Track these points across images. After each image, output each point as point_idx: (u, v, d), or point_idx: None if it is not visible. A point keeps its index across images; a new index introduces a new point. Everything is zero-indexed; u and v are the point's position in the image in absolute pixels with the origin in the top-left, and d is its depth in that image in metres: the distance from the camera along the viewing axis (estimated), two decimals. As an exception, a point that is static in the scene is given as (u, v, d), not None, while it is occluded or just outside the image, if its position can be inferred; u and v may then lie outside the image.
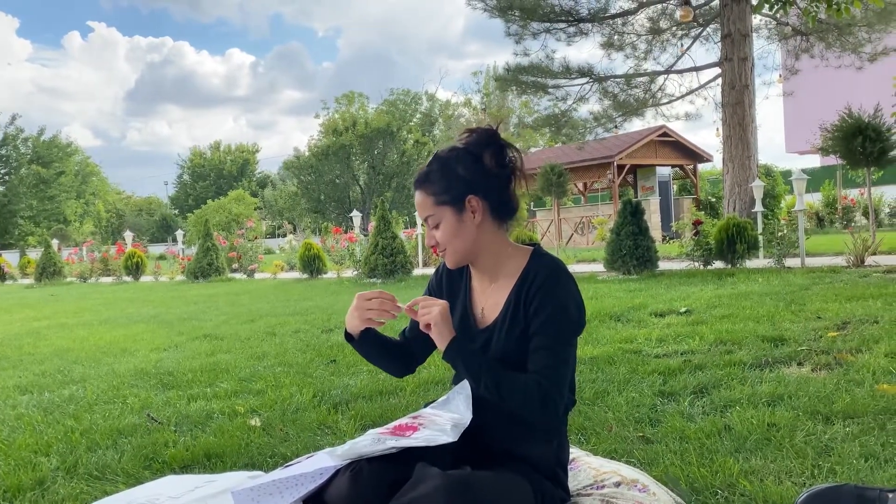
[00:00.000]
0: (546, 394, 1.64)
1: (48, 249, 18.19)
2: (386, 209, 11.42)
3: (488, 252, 1.80)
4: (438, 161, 1.78)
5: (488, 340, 1.78)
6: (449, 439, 1.58)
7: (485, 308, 1.83)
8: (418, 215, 1.86)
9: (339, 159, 44.17)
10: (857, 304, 5.09)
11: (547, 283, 1.71)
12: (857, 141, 9.76)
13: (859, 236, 8.39)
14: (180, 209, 62.43)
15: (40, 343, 5.99)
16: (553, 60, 15.29)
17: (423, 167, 1.80)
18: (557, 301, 1.70)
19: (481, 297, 1.85)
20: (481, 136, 1.78)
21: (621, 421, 2.68)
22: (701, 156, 22.81)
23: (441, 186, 1.75)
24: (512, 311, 1.74)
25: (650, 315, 5.31)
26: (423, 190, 1.78)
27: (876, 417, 2.50)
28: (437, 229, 1.78)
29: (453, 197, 1.75)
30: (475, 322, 1.83)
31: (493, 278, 1.83)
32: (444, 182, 1.76)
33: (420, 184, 1.79)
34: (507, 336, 1.74)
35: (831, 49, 14.65)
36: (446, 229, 1.76)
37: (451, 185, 1.75)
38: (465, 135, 1.80)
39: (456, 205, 1.75)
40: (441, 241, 1.79)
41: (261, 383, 3.78)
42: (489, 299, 1.83)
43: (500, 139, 1.77)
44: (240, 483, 1.75)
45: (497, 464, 1.67)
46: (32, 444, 2.85)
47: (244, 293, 10.32)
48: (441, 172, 1.76)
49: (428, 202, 1.77)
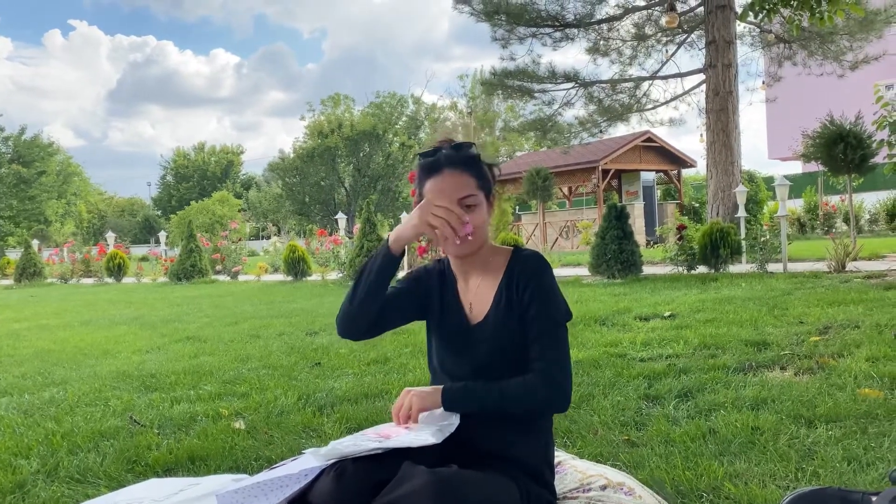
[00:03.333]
0: (551, 378, 1.68)
1: (28, 250, 17.97)
2: (372, 211, 11.40)
3: (485, 247, 1.84)
4: (474, 154, 1.82)
5: (483, 336, 1.79)
6: (433, 441, 1.58)
7: (472, 304, 1.85)
8: (452, 193, 1.73)
9: (325, 161, 44.08)
10: (839, 308, 5.14)
11: (536, 271, 1.76)
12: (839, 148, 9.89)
13: (840, 242, 8.49)
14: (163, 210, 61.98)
15: (20, 345, 5.92)
16: (539, 65, 15.33)
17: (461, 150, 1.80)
18: (547, 287, 1.75)
19: (467, 294, 1.87)
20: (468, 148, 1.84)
21: (607, 424, 2.68)
22: (685, 161, 22.97)
23: (482, 173, 1.80)
24: (504, 304, 1.77)
25: (635, 319, 5.33)
26: (466, 170, 1.77)
27: (858, 421, 2.53)
28: (474, 211, 1.76)
29: (489, 187, 1.82)
30: (467, 318, 1.84)
31: (480, 275, 1.85)
32: (482, 170, 1.81)
33: (463, 164, 1.78)
34: (502, 329, 1.76)
35: (813, 57, 14.82)
36: (480, 214, 1.78)
37: (486, 177, 1.81)
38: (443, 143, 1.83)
39: (489, 194, 1.82)
40: (476, 224, 1.75)
41: (245, 386, 3.75)
42: (476, 295, 1.85)
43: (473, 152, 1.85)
44: (224, 486, 1.74)
45: (484, 464, 1.67)
46: (12, 446, 2.81)
47: (228, 295, 10.26)
48: (480, 163, 1.81)
49: (472, 183, 1.77)
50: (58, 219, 52.25)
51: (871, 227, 18.77)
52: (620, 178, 23.10)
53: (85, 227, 55.48)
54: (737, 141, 13.47)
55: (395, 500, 1.47)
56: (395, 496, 1.47)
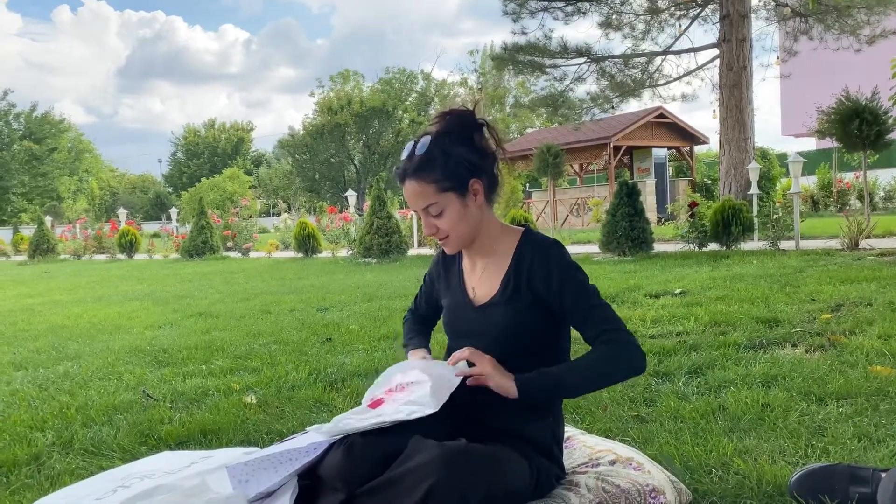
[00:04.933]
0: (628, 342, 1.67)
1: (41, 226, 18.09)
2: (381, 189, 11.38)
3: (485, 232, 1.79)
4: (438, 145, 1.69)
5: (485, 318, 1.78)
6: (430, 411, 1.59)
7: (475, 287, 1.83)
8: (413, 205, 1.73)
9: (334, 138, 43.96)
10: (851, 286, 5.10)
11: (553, 258, 1.72)
12: (854, 124, 9.75)
13: (854, 219, 8.41)
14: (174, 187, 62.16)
15: (34, 320, 5.98)
16: (551, 40, 15.16)
17: (416, 155, 1.69)
18: (572, 272, 1.72)
19: (471, 276, 1.85)
20: (465, 118, 1.72)
21: (616, 400, 2.69)
22: (697, 138, 22.75)
23: (444, 172, 1.68)
24: (512, 287, 1.74)
25: (645, 296, 5.32)
26: (421, 178, 1.68)
27: (869, 398, 2.52)
28: (440, 217, 1.71)
29: (458, 182, 1.69)
30: (469, 302, 1.83)
31: (486, 257, 1.82)
32: (447, 167, 1.68)
33: (416, 172, 1.69)
34: (506, 311, 1.73)
35: (830, 31, 14.56)
36: (452, 216, 1.71)
37: (454, 170, 1.69)
38: (440, 118, 1.72)
39: (460, 189, 1.70)
40: (445, 228, 1.72)
41: (256, 361, 3.78)
42: (480, 280, 1.82)
43: (478, 117, 1.73)
44: (235, 459, 1.75)
45: (493, 441, 1.68)
46: (28, 419, 2.85)
47: (239, 272, 10.30)
48: (443, 157, 1.68)
49: (429, 190, 1.68)
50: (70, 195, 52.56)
51: (886, 205, 18.58)
52: (632, 154, 22.92)
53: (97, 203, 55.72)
54: (750, 117, 13.34)
55: (404, 473, 1.47)
56: (405, 469, 1.48)
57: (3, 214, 44.43)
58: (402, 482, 1.46)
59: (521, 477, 1.62)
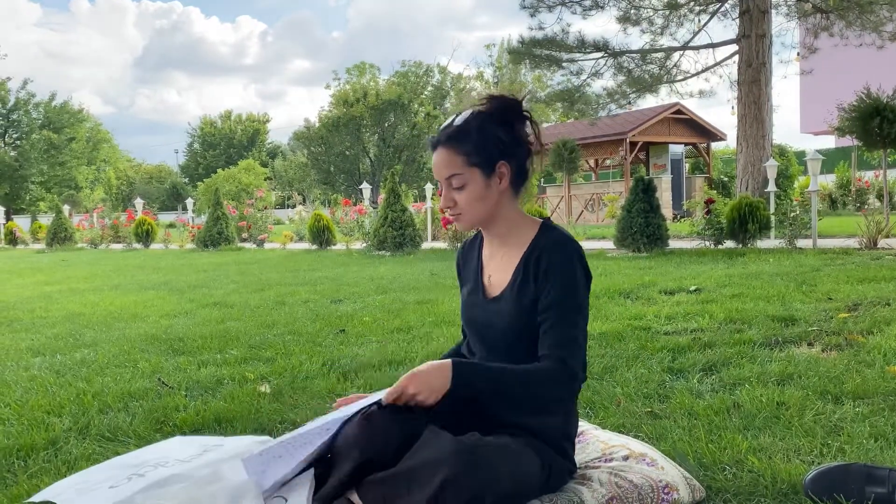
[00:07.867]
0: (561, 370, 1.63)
1: (59, 215, 18.27)
2: (396, 182, 11.38)
3: (503, 219, 1.78)
4: (476, 119, 1.70)
5: (494, 309, 1.77)
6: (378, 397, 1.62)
7: (492, 276, 1.82)
8: (438, 174, 1.74)
9: (350, 131, 43.96)
10: (869, 286, 5.05)
11: (554, 256, 1.69)
12: (875, 122, 9.65)
13: (872, 218, 8.32)
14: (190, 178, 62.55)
15: (52, 307, 6.04)
16: (568, 34, 15.07)
17: (454, 123, 1.72)
18: (572, 275, 1.69)
19: (490, 264, 1.85)
20: (510, 104, 1.72)
21: (630, 396, 2.68)
22: (715, 134, 22.58)
23: (475, 146, 1.69)
24: (521, 281, 1.73)
25: (660, 293, 5.29)
26: (453, 148, 1.70)
27: (886, 398, 2.49)
28: (461, 190, 1.71)
29: (486, 159, 1.70)
30: (484, 292, 1.83)
31: (503, 245, 1.81)
32: (480, 142, 1.69)
33: (450, 141, 1.71)
34: (513, 304, 1.73)
35: (851, 27, 14.37)
36: (472, 192, 1.71)
37: (485, 147, 1.69)
38: (488, 100, 1.73)
39: (486, 168, 1.70)
40: (462, 203, 1.72)
41: (270, 351, 3.80)
42: (497, 267, 1.82)
43: (524, 109, 1.75)
44: (247, 447, 1.76)
45: (503, 434, 1.68)
46: (45, 405, 2.88)
47: (254, 262, 10.36)
48: (479, 132, 1.69)
49: (457, 161, 1.69)
50: (88, 185, 53.02)
51: (905, 204, 18.34)
52: (648, 150, 22.80)
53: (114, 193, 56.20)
54: (769, 114, 13.21)
55: (418, 465, 1.48)
56: (418, 461, 1.49)
57: (22, 203, 44.87)
58: (415, 474, 1.47)
59: (533, 471, 1.63)
